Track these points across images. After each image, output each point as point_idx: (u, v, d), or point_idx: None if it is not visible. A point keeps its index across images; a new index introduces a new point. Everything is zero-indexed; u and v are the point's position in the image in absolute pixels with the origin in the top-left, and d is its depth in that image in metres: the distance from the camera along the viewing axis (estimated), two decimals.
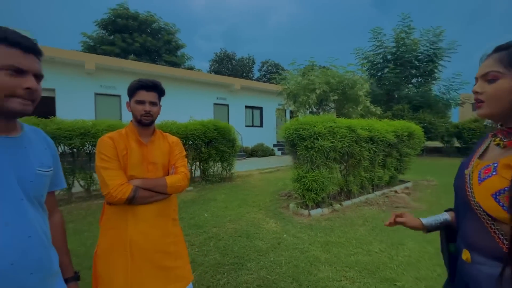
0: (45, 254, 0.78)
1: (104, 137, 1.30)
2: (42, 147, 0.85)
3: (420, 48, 14.53)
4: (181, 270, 1.42)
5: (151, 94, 1.34)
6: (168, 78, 11.96)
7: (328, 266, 2.58)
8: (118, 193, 1.20)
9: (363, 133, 4.68)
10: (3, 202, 0.69)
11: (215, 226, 3.68)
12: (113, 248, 1.26)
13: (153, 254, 1.31)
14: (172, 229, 1.42)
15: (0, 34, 0.67)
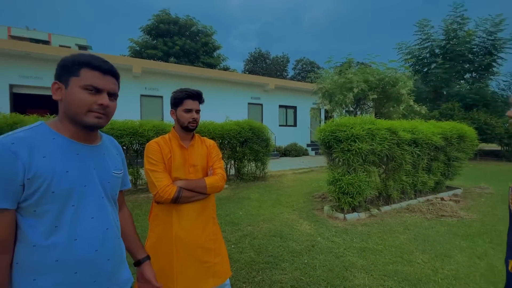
0: (118, 244, 0.93)
1: (152, 143, 1.46)
2: (114, 153, 1.00)
3: (475, 40, 13.08)
4: (220, 266, 1.55)
5: (196, 103, 1.48)
6: (205, 79, 12.47)
7: (364, 273, 2.51)
8: (165, 193, 1.34)
9: (405, 136, 4.41)
10: (90, 200, 0.84)
11: (249, 225, 3.79)
12: (161, 242, 1.42)
13: (194, 249, 1.45)
14: (211, 227, 1.55)
15: (86, 59, 0.82)
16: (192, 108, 1.45)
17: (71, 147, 0.83)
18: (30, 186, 0.73)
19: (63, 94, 0.81)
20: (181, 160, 1.46)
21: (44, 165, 0.75)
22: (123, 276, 0.96)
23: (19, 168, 0.71)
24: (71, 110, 0.81)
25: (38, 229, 0.75)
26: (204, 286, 1.47)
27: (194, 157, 1.50)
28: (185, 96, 1.45)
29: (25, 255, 0.75)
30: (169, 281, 1.38)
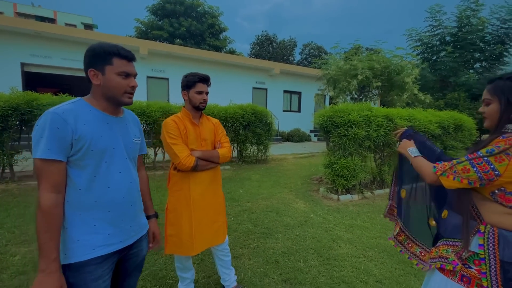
0: (138, 195, 1.20)
1: (169, 120, 1.70)
2: (133, 124, 1.24)
3: (488, 28, 12.71)
4: (224, 225, 1.88)
5: (205, 86, 1.72)
6: (211, 62, 12.50)
7: (349, 245, 2.80)
8: (186, 161, 1.61)
9: (401, 123, 4.57)
10: (118, 159, 1.09)
11: (248, 201, 4.09)
12: (180, 204, 1.70)
13: (208, 210, 1.75)
14: (220, 192, 1.87)
15: (115, 50, 1.04)
16: (203, 90, 1.70)
17: (103, 118, 1.07)
18: (76, 145, 0.97)
19: (101, 80, 1.04)
20: (194, 135, 1.72)
21: (85, 130, 0.99)
22: (142, 221, 1.24)
23: (68, 131, 0.95)
24: (110, 92, 1.05)
25: (82, 177, 1.01)
26: (216, 242, 1.81)
27: (204, 132, 1.76)
28: (197, 80, 1.68)
29: (73, 196, 1.00)
30: (189, 238, 1.68)
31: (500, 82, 0.99)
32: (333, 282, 2.16)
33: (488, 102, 1.03)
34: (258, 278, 2.19)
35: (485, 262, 0.91)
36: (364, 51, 12.81)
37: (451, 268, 0.97)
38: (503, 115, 0.97)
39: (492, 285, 0.89)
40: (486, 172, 0.89)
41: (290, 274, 2.25)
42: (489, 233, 0.92)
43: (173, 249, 1.73)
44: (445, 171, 0.98)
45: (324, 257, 2.54)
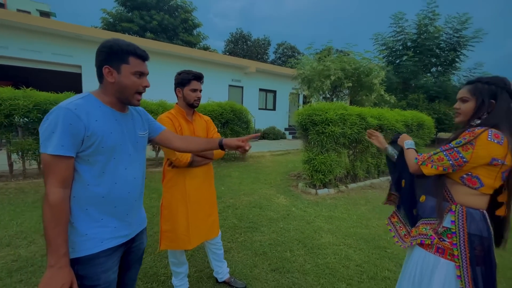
0: (141, 190, 1.21)
1: (163, 117, 1.71)
2: (138, 116, 1.23)
3: (442, 36, 14.03)
4: (217, 218, 1.95)
5: (199, 84, 1.76)
6: (186, 58, 12.22)
7: (330, 234, 3.01)
8: (183, 158, 1.64)
9: (372, 122, 4.94)
10: (125, 155, 1.10)
11: (231, 198, 4.15)
12: (176, 200, 1.72)
13: (204, 204, 1.80)
14: (213, 187, 1.92)
15: (132, 48, 1.05)
16: (197, 88, 1.73)
17: (112, 114, 1.07)
18: (88, 141, 0.97)
19: (116, 78, 1.04)
20: (189, 131, 1.74)
21: (97, 126, 0.99)
22: (142, 214, 1.27)
23: (81, 127, 0.95)
24: (124, 90, 1.06)
25: (91, 173, 1.01)
26: (211, 235, 1.87)
27: (197, 129, 1.80)
28: (192, 78, 1.71)
29: (80, 191, 1.00)
30: (185, 231, 1.71)
31: (479, 84, 1.16)
32: (318, 269, 2.32)
33: (465, 100, 1.19)
34: (249, 269, 2.28)
35: (456, 235, 1.10)
36: (335, 53, 13.41)
37: (429, 242, 1.15)
38: (476, 113, 1.15)
39: (461, 253, 1.08)
40: (456, 160, 1.08)
41: (278, 264, 2.37)
42: (459, 211, 1.11)
43: (168, 244, 1.75)
44: (425, 161, 1.16)
45: (308, 246, 2.71)
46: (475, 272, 1.07)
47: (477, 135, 1.05)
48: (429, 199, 1.24)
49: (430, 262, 1.15)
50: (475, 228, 1.08)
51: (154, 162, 6.35)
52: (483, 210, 1.12)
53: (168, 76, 12.94)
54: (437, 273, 1.11)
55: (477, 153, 1.04)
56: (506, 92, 1.13)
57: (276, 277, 2.18)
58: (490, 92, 1.13)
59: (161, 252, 2.42)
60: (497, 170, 1.07)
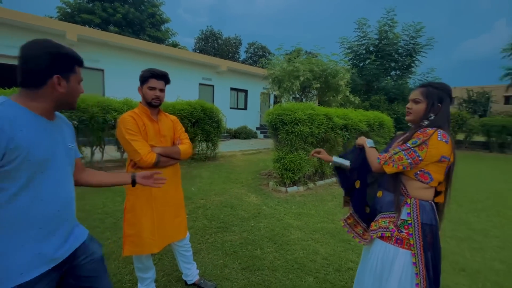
0: (72, 207, 1.08)
1: (126, 116, 1.63)
2: (67, 127, 1.12)
3: (400, 42, 15.18)
4: (185, 220, 1.93)
5: (160, 83, 1.68)
6: (154, 55, 11.73)
7: (298, 230, 3.11)
8: (148, 158, 1.58)
9: (338, 121, 5.19)
10: (56, 169, 0.98)
11: (202, 198, 4.09)
12: (140, 201, 1.66)
13: (171, 206, 1.76)
14: (180, 188, 1.89)
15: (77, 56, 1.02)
16: (156, 86, 1.66)
17: (40, 123, 0.95)
18: (11, 154, 0.84)
19: (65, 88, 0.98)
20: (153, 131, 1.68)
21: (22, 137, 0.86)
22: (78, 229, 1.13)
23: (3, 140, 0.82)
24: (70, 99, 1.03)
25: (8, 191, 0.86)
26: (178, 236, 1.83)
27: (163, 129, 1.74)
28: (150, 75, 1.64)
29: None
30: (150, 235, 1.65)
31: (430, 88, 1.29)
32: (287, 265, 2.39)
33: (418, 102, 1.30)
34: (219, 270, 2.27)
35: (412, 225, 1.21)
36: (304, 54, 13.83)
37: (389, 235, 1.25)
38: (426, 114, 1.28)
39: (416, 241, 1.20)
40: (414, 158, 1.19)
41: (249, 262, 2.39)
42: (413, 204, 1.23)
43: (132, 249, 1.67)
44: (386, 161, 1.25)
45: (278, 243, 2.77)
46: (427, 257, 1.20)
47: (429, 136, 1.17)
48: (386, 194, 1.35)
49: (390, 253, 1.25)
50: (426, 218, 1.22)
51: (119, 163, 6.02)
52: (431, 201, 1.26)
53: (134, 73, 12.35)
54: (396, 263, 1.22)
55: (430, 152, 1.16)
56: (448, 97, 1.28)
57: (247, 276, 2.20)
58: (438, 96, 1.27)
59: (121, 259, 2.31)
60: (444, 166, 1.21)
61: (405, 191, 1.27)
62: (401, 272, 1.20)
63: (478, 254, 2.72)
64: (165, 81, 1.73)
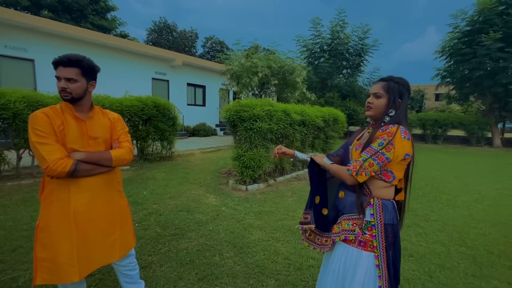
0: None
1: (38, 113, 1.29)
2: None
3: (351, 42, 16.20)
4: (125, 237, 1.58)
5: (68, 70, 1.31)
6: (98, 46, 10.54)
7: (259, 230, 3.01)
8: (58, 166, 1.24)
9: (296, 117, 5.24)
10: None
11: (155, 203, 3.74)
12: (57, 219, 1.33)
13: (99, 223, 1.42)
14: (118, 200, 1.54)
15: None
16: (60, 75, 1.31)
17: None
18: None
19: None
20: (78, 132, 1.36)
21: None
22: None
23: None
24: None
25: None
26: (110, 259, 1.49)
27: (93, 130, 1.42)
28: (55, 62, 1.31)
29: None
30: (69, 259, 1.33)
31: (392, 83, 1.24)
32: (248, 269, 2.26)
33: (379, 96, 1.25)
34: (172, 284, 2.04)
35: (375, 227, 1.16)
36: (262, 51, 13.85)
37: (353, 238, 1.19)
38: (387, 109, 1.24)
39: (379, 243, 1.15)
40: (383, 161, 1.13)
41: (206, 271, 2.21)
42: (376, 204, 1.18)
43: (46, 277, 1.33)
44: (358, 171, 1.16)
45: (238, 246, 2.63)
46: (389, 257, 1.17)
47: (394, 135, 1.12)
48: (348, 195, 1.29)
49: (354, 256, 1.19)
50: (389, 218, 1.18)
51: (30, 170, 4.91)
52: (392, 200, 1.23)
53: None
54: (360, 266, 1.16)
55: (397, 152, 1.11)
56: (408, 93, 1.26)
57: (204, 287, 2.02)
58: (399, 91, 1.24)
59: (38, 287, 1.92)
60: (406, 164, 1.20)
61: (367, 191, 1.22)
62: (364, 274, 1.15)
63: (422, 239, 2.95)
64: (81, 69, 1.35)
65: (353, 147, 1.33)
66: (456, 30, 13.40)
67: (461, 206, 4.11)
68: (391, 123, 1.19)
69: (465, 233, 3.13)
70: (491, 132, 13.73)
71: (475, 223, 3.45)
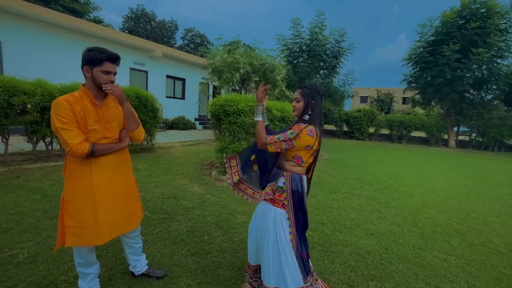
0: None
1: (60, 100, 1.46)
2: None
3: (328, 45, 16.92)
4: (139, 210, 1.86)
5: (115, 66, 1.58)
6: (73, 31, 10.05)
7: (243, 215, 3.31)
8: (79, 149, 1.45)
9: (277, 113, 5.58)
10: None
11: (141, 191, 3.88)
12: (81, 193, 1.53)
13: (118, 197, 1.66)
14: (131, 177, 1.79)
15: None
16: (111, 71, 1.55)
17: None
18: None
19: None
20: (96, 117, 1.55)
21: None
22: None
23: None
24: None
25: None
26: (129, 228, 1.75)
27: (109, 114, 1.62)
28: (106, 58, 1.51)
29: None
30: (94, 226, 1.54)
31: (305, 89, 1.66)
32: (235, 245, 2.56)
33: (299, 100, 1.66)
34: (168, 258, 2.27)
35: (286, 191, 1.63)
36: (243, 47, 14.03)
37: (268, 198, 1.67)
38: (305, 110, 1.64)
39: (289, 203, 1.63)
40: (289, 145, 1.57)
41: (197, 248, 2.46)
42: (288, 176, 1.64)
43: (75, 240, 1.53)
44: (271, 143, 1.59)
45: (224, 228, 2.91)
46: (297, 216, 1.65)
47: (301, 130, 1.55)
48: (274, 170, 1.75)
49: (267, 208, 1.66)
50: (295, 186, 1.63)
51: (31, 156, 5.09)
52: (301, 175, 1.67)
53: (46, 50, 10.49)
54: (270, 215, 1.63)
55: (300, 142, 1.55)
56: (319, 95, 1.67)
57: (196, 260, 2.28)
58: (311, 95, 1.64)
59: (57, 257, 2.07)
60: (311, 152, 1.63)
61: (283, 167, 1.68)
62: (275, 222, 1.61)
63: (382, 222, 3.44)
64: (118, 65, 1.62)
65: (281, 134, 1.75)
66: (422, 39, 14.61)
67: (416, 196, 4.74)
68: (308, 123, 1.61)
69: (417, 217, 3.69)
70: (447, 134, 15.24)
71: (426, 209, 4.04)
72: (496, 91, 14.49)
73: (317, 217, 3.42)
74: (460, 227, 3.44)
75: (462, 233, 3.25)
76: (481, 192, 5.33)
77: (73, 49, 9.91)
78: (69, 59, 9.56)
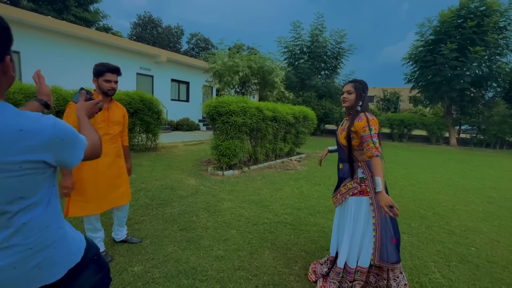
0: None
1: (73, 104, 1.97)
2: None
3: (328, 46, 17.26)
4: (128, 190, 2.36)
5: (115, 76, 2.08)
6: (82, 40, 10.78)
7: (230, 202, 3.77)
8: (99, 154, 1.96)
9: (268, 113, 6.03)
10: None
11: (143, 183, 4.40)
12: (88, 174, 2.04)
13: (115, 178, 2.19)
14: (122, 164, 2.31)
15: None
16: (111, 79, 2.05)
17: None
18: None
19: None
20: (102, 117, 2.07)
21: None
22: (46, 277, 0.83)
23: None
24: None
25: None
26: (121, 202, 2.28)
27: (113, 116, 2.14)
28: (106, 70, 2.02)
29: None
30: (94, 199, 2.06)
31: (357, 83, 1.86)
32: (217, 224, 3.02)
33: (351, 92, 1.85)
34: (160, 232, 2.76)
35: (367, 179, 1.79)
36: (246, 49, 14.55)
37: (357, 191, 1.81)
38: (357, 101, 1.85)
39: (371, 189, 1.77)
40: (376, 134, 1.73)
41: (185, 225, 2.94)
42: (363, 165, 1.81)
43: (77, 211, 2.03)
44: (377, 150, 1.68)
45: (211, 211, 3.38)
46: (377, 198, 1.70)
47: (367, 119, 1.74)
48: (345, 165, 1.93)
49: (359, 201, 1.81)
50: (368, 172, 1.80)
51: None
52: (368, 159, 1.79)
53: (60, 58, 11.22)
54: (363, 206, 1.79)
55: (377, 125, 1.76)
56: (367, 89, 1.94)
57: (183, 234, 2.75)
58: (362, 88, 1.85)
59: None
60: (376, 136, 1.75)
61: (356, 159, 1.85)
62: (366, 211, 1.79)
63: None
64: (118, 74, 2.10)
65: (338, 132, 1.97)
66: (421, 38, 14.79)
67: (396, 188, 5.09)
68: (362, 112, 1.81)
69: None
70: (448, 132, 15.31)
71: (401, 199, 4.40)
72: (496, 89, 14.53)
73: (296, 204, 3.84)
74: (425, 213, 3.80)
75: (426, 217, 3.62)
76: (463, 185, 5.62)
77: (84, 56, 10.65)
78: (80, 65, 10.29)
